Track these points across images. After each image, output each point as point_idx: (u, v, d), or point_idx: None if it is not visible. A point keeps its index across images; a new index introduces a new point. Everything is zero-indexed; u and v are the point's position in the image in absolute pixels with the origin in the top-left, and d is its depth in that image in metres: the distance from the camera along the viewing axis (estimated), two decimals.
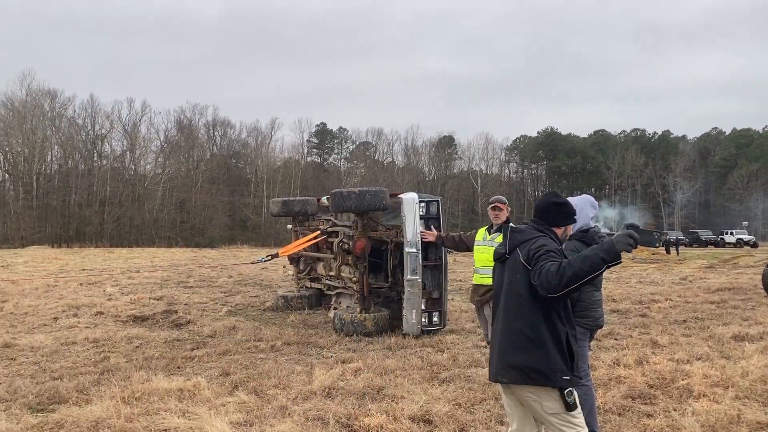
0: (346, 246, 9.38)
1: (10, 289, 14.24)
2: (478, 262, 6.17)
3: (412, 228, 8.14)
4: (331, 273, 10.30)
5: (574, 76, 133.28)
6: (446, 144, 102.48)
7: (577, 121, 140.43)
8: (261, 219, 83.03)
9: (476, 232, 6.36)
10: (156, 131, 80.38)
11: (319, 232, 10.21)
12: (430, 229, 8.39)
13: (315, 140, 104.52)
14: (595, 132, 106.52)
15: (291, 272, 12.47)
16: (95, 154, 75.30)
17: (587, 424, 3.84)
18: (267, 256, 10.79)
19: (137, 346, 7.94)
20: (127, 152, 76.84)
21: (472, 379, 5.92)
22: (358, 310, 8.64)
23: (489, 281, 5.77)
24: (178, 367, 6.73)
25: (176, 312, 10.55)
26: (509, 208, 6.07)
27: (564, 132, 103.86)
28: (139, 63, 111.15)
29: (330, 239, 10.18)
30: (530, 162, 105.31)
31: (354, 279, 9.31)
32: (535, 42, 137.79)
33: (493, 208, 6.11)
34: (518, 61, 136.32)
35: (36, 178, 68.16)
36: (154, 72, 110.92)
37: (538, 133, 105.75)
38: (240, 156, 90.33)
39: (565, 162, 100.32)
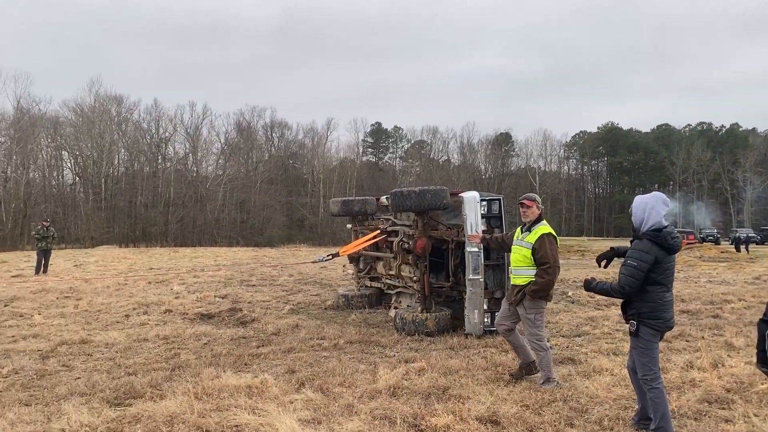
0: (407, 245, 9.39)
1: (84, 287, 14.89)
2: (512, 262, 6.02)
3: (474, 227, 8.07)
4: (391, 272, 10.33)
5: (635, 69, 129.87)
6: (503, 141, 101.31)
7: (639, 115, 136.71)
8: (318, 218, 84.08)
9: (515, 232, 6.22)
10: (216, 134, 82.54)
11: (378, 231, 10.26)
12: (491, 229, 8.32)
13: (370, 140, 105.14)
14: (658, 126, 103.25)
15: (351, 271, 12.58)
16: (159, 157, 77.78)
17: (661, 428, 4.17)
18: (327, 256, 10.92)
19: (205, 343, 8.16)
20: (190, 154, 79.14)
21: (537, 380, 5.82)
22: (420, 309, 8.64)
23: (520, 281, 5.81)
24: (246, 364, 6.88)
25: (241, 310, 10.79)
26: (540, 206, 5.86)
27: (625, 127, 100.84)
28: (200, 67, 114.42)
29: (390, 239, 10.21)
30: (590, 158, 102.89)
31: (414, 278, 9.31)
32: (595, 36, 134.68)
33: (521, 206, 5.91)
34: (577, 55, 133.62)
35: (104, 180, 70.93)
36: (213, 76, 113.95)
37: (598, 128, 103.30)
38: (297, 156, 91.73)
39: (626, 158, 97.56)
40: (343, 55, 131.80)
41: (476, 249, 8.04)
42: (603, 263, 4.61)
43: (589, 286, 4.49)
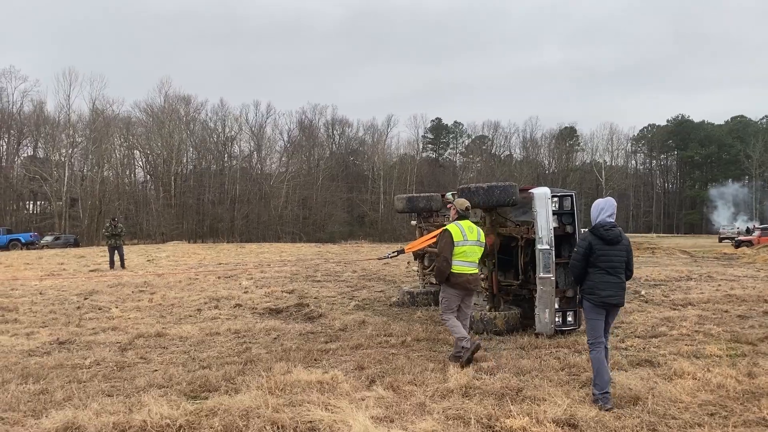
0: None
1: (157, 281, 15.42)
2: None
3: (545, 224, 7.87)
4: None
5: (707, 60, 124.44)
6: (567, 135, 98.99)
7: (712, 107, 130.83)
8: (378, 215, 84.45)
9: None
10: (280, 132, 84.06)
11: (443, 228, 10.15)
12: (563, 226, 8.10)
13: (430, 136, 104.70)
14: (732, 118, 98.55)
15: (415, 268, 12.54)
16: (225, 155, 79.77)
17: (597, 384, 5.10)
18: (393, 252, 10.89)
19: (275, 338, 8.29)
20: (254, 152, 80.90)
21: (616, 383, 5.61)
22: (488, 308, 8.50)
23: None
24: (315, 360, 6.93)
25: (307, 305, 10.92)
26: (456, 207, 7.34)
27: (696, 119, 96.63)
28: (265, 67, 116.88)
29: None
30: (659, 152, 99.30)
31: (482, 276, 9.17)
32: (665, 27, 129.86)
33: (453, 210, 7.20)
34: (648, 46, 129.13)
35: (173, 178, 73.32)
36: (279, 75, 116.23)
37: (667, 121, 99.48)
38: (357, 153, 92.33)
39: (698, 151, 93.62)
40: (406, 52, 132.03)
41: (548, 246, 7.84)
42: None
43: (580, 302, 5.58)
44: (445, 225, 10.15)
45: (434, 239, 9.51)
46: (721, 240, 46.99)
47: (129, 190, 75.02)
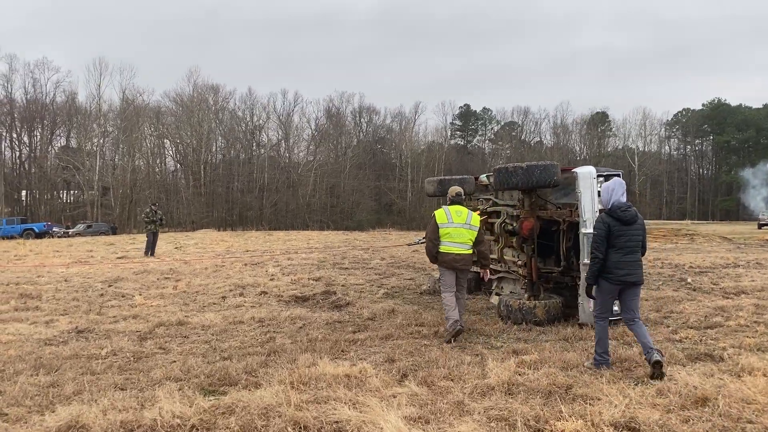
0: (510, 227, 8.71)
1: (183, 268, 15.16)
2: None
3: (590, 206, 7.28)
4: (492, 256, 9.67)
5: (746, 43, 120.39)
6: (599, 121, 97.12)
7: (750, 91, 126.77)
8: (406, 203, 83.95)
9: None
10: (307, 120, 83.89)
11: (478, 212, 9.61)
12: None
13: (458, 122, 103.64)
14: None
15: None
16: (254, 144, 79.97)
17: (597, 352, 5.57)
18: (422, 238, 10.42)
19: (300, 327, 7.87)
20: (282, 141, 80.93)
21: (675, 379, 5.04)
22: (526, 296, 7.94)
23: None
24: (342, 351, 6.48)
25: (335, 293, 10.49)
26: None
27: (734, 103, 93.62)
28: (295, 57, 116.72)
29: (490, 220, 9.56)
30: (694, 137, 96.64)
31: (519, 263, 8.62)
32: (704, 9, 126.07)
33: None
34: (684, 31, 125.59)
35: (203, 167, 73.77)
36: (307, 65, 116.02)
37: (703, 105, 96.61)
38: (385, 141, 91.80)
39: (734, 136, 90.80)
40: (440, 39, 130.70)
41: (592, 230, 7.24)
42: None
43: (588, 290, 5.72)
44: (478, 209, 9.65)
45: None
46: (760, 227, 45.28)
47: (159, 178, 75.71)
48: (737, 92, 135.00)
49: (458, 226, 7.25)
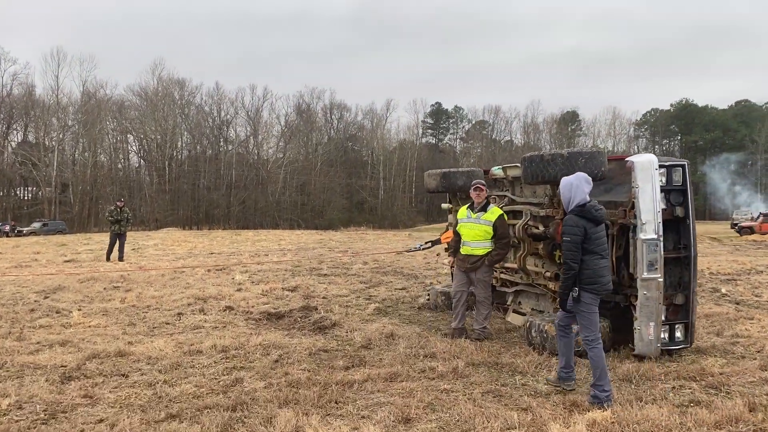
0: (536, 230, 7.09)
1: (136, 276, 13.22)
2: (470, 237, 7.14)
3: (651, 205, 5.69)
4: (508, 265, 8.04)
5: (715, 47, 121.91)
6: (569, 120, 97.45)
7: (716, 93, 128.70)
8: (378, 201, 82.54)
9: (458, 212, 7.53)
10: (276, 116, 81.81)
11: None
12: (671, 207, 5.92)
13: (430, 120, 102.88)
14: (737, 103, 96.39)
15: (447, 261, 10.31)
16: (221, 140, 77.61)
17: (599, 386, 4.55)
18: (425, 243, 8.77)
19: (276, 361, 6.10)
20: (251, 137, 78.68)
21: None
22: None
23: (480, 252, 7.02)
24: (336, 403, 4.75)
25: (316, 309, 8.74)
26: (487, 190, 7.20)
27: (701, 104, 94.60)
28: (264, 53, 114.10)
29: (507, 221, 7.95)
30: (662, 137, 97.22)
31: (547, 274, 6.99)
32: (678, 13, 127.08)
33: (476, 189, 7.12)
34: (659, 33, 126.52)
35: (168, 163, 71.15)
36: (277, 61, 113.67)
37: (671, 105, 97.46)
38: (356, 139, 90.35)
39: (702, 136, 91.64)
40: (410, 39, 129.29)
41: (654, 236, 5.66)
42: None
43: (563, 304, 4.86)
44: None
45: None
46: (740, 230, 44.53)
47: (122, 175, 72.85)
48: (704, 93, 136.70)
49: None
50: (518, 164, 7.85)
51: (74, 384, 5.39)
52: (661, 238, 5.68)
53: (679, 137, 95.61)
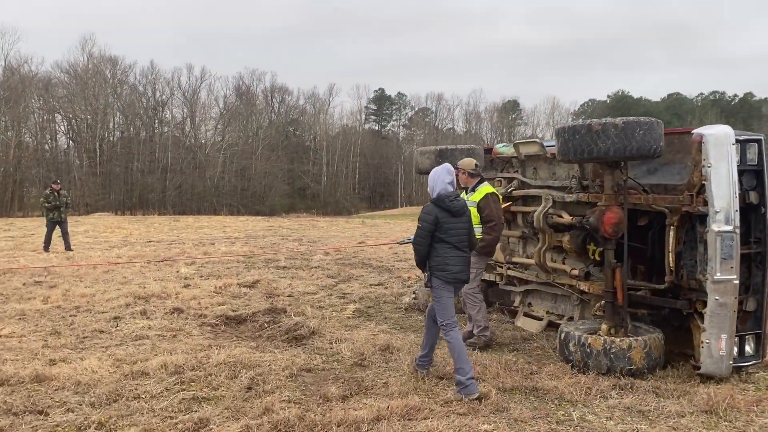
0: (559, 219, 5.93)
1: (63, 269, 11.40)
2: None
3: (726, 189, 4.57)
4: (517, 260, 6.86)
5: (652, 41, 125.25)
6: (510, 109, 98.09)
7: (651, 85, 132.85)
8: (320, 187, 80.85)
9: None
10: (215, 98, 78.73)
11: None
12: (744, 192, 4.82)
13: (373, 107, 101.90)
14: (669, 95, 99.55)
15: None
16: (156, 121, 74.31)
17: (460, 369, 4.57)
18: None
19: (248, 388, 4.68)
20: (187, 119, 75.54)
21: None
22: (606, 329, 5.12)
23: None
24: None
25: (284, 311, 7.32)
26: (473, 171, 6.17)
27: (636, 96, 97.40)
28: (204, 33, 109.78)
29: (515, 208, 6.77)
30: None
31: (574, 272, 5.84)
32: (620, 7, 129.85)
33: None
34: (601, 27, 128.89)
35: (99, 144, 67.45)
36: (216, 42, 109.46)
37: (608, 96, 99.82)
38: (298, 123, 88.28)
39: None
40: (356, 27, 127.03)
41: (729, 227, 4.54)
42: None
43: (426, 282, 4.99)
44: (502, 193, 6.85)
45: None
46: None
47: (49, 156, 68.52)
48: (639, 86, 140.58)
49: None
50: (534, 139, 6.70)
51: None
52: (738, 230, 4.58)
53: None
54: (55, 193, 15.25)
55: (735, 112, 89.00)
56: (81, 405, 4.34)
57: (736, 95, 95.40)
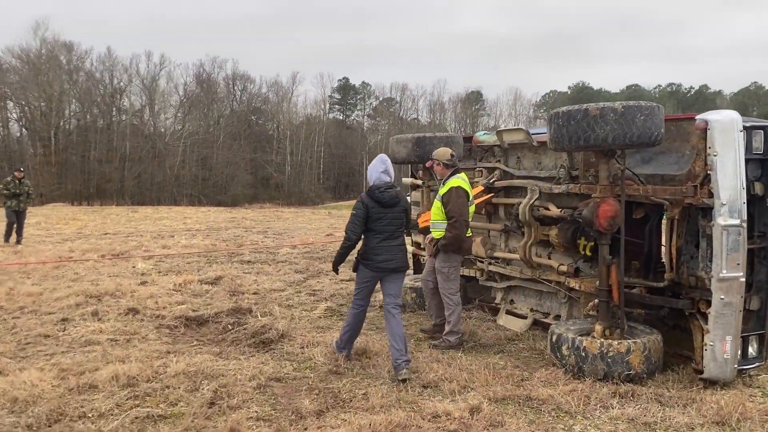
0: (545, 212, 5.55)
1: (9, 263, 10.61)
2: (431, 215, 5.91)
3: (733, 180, 4.24)
4: (499, 254, 6.47)
5: (615, 35, 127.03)
6: (474, 100, 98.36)
7: (612, 78, 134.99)
8: (284, 177, 79.76)
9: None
10: (175, 86, 76.80)
11: (481, 188, 6.35)
12: (750, 185, 4.50)
13: (337, 96, 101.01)
14: (627, 87, 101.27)
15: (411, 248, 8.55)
16: (114, 109, 72.26)
17: (343, 339, 5.16)
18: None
19: (211, 403, 4.18)
20: (146, 107, 73.62)
21: None
22: (600, 330, 4.75)
23: (437, 234, 5.71)
24: None
25: (250, 311, 6.80)
26: (448, 162, 5.79)
27: (596, 87, 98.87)
28: (163, 19, 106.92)
29: (497, 200, 6.38)
30: None
31: (562, 267, 5.47)
32: (579, 2, 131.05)
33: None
34: (562, 19, 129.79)
35: (54, 133, 65.22)
36: (176, 28, 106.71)
37: (569, 88, 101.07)
38: (261, 112, 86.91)
39: None
40: (319, 16, 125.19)
41: (737, 221, 4.21)
42: None
43: (334, 266, 5.12)
44: (483, 184, 6.44)
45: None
46: None
47: (1, 144, 65.97)
48: (599, 78, 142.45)
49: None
50: (520, 127, 6.30)
51: None
52: (745, 224, 4.25)
53: None
54: (16, 181, 14.36)
55: (691, 104, 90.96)
56: (17, 428, 3.78)
57: (692, 87, 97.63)
